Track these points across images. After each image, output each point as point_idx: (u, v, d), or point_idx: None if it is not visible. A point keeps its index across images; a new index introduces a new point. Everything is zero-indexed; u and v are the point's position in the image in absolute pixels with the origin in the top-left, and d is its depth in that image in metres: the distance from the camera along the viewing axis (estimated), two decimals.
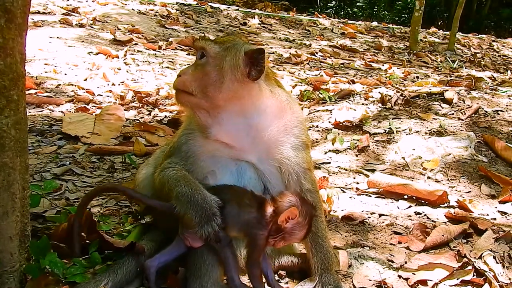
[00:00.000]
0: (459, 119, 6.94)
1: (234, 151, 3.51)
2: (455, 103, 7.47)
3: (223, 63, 3.40)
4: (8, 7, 2.84)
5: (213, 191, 3.38)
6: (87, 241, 3.77)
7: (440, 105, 7.50)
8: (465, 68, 14.50)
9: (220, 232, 3.22)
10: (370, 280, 3.76)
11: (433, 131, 6.53)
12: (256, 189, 3.60)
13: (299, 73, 11.63)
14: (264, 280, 3.46)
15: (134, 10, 16.19)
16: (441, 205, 5.04)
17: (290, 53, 14.05)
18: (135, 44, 12.41)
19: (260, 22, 18.49)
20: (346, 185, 5.51)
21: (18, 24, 2.93)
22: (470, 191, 5.42)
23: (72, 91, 8.43)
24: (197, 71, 3.46)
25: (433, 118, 6.95)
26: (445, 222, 4.71)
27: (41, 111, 7.39)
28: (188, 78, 3.46)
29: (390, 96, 7.81)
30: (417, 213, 4.91)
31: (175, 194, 3.33)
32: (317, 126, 7.07)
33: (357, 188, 5.41)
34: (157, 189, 3.59)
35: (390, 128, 6.69)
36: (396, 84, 9.21)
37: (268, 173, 3.61)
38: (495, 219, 4.83)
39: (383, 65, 13.74)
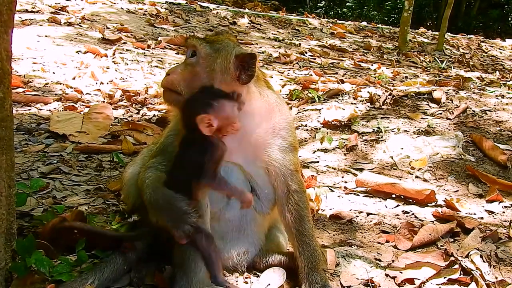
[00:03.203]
0: (447, 118, 6.97)
1: None
2: (443, 102, 7.51)
3: (214, 66, 3.38)
4: None
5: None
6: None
7: (428, 105, 7.54)
8: (454, 68, 14.55)
9: (198, 225, 3.19)
10: (358, 279, 3.76)
11: (421, 130, 6.56)
12: None
13: (288, 73, 11.63)
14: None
15: (123, 9, 16.12)
16: (428, 204, 5.06)
17: (279, 53, 14.04)
18: (124, 43, 12.36)
19: (250, 22, 18.47)
20: (334, 184, 5.52)
21: (4, 21, 2.91)
22: (457, 190, 5.45)
23: (60, 89, 8.38)
24: (186, 70, 3.44)
25: (421, 118, 6.98)
26: (433, 221, 4.73)
27: (29, 109, 7.35)
28: (177, 78, 3.44)
29: (378, 95, 7.83)
30: (404, 212, 4.93)
31: (146, 203, 3.34)
32: (305, 125, 7.08)
33: (345, 187, 5.42)
34: (139, 187, 3.58)
35: (378, 127, 6.71)
36: (385, 84, 9.24)
37: (255, 175, 3.61)
38: (482, 218, 4.86)
39: (372, 65, 13.76)
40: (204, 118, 3.21)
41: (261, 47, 14.76)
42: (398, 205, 5.06)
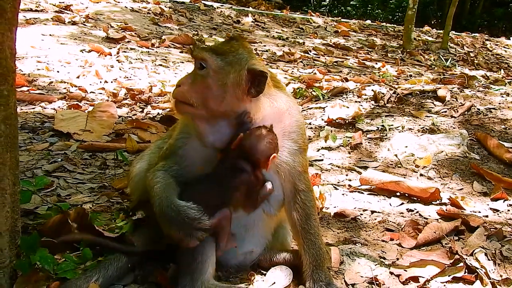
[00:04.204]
0: (451, 116, 6.96)
1: None
2: (448, 101, 7.49)
3: (227, 80, 3.30)
4: None
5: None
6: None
7: (433, 103, 7.52)
8: (459, 66, 14.53)
9: (211, 226, 3.21)
10: (362, 277, 3.75)
11: (426, 128, 6.54)
12: None
13: (292, 71, 11.63)
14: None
15: (127, 7, 16.14)
16: (433, 202, 5.04)
17: (283, 51, 14.04)
18: (128, 41, 12.38)
19: (254, 20, 18.47)
20: (338, 182, 5.51)
21: (8, 19, 2.91)
22: (462, 189, 5.43)
23: (65, 88, 8.41)
24: (197, 82, 3.36)
25: (426, 116, 6.96)
26: (437, 219, 4.71)
27: (33, 108, 7.36)
28: (188, 90, 3.36)
29: (383, 93, 7.82)
30: (409, 210, 4.92)
31: (156, 214, 3.31)
32: (310, 124, 7.07)
33: (349, 185, 5.41)
34: (147, 189, 3.56)
35: (382, 125, 6.69)
36: (389, 82, 9.22)
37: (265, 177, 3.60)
38: (487, 216, 4.84)
39: (376, 63, 13.75)
40: (275, 156, 3.40)
41: (265, 46, 14.77)
42: (402, 203, 5.05)
